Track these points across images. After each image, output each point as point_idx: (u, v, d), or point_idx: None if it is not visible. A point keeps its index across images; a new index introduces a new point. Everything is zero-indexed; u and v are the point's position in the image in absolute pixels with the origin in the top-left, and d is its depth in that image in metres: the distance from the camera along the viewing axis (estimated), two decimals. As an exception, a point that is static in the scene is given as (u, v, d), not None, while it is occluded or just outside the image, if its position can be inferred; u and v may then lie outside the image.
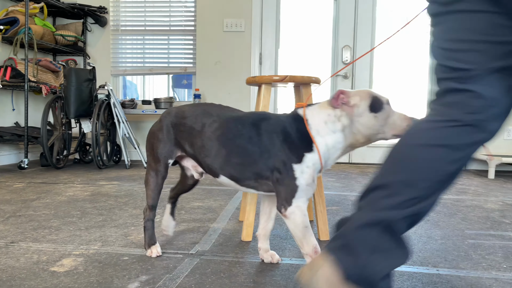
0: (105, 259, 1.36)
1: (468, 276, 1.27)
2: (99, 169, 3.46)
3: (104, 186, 2.67)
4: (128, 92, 4.61)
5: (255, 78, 1.62)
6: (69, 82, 3.43)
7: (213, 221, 1.87)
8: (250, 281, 1.20)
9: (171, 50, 4.33)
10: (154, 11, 4.31)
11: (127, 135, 3.59)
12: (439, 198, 0.92)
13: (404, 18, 4.06)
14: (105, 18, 4.28)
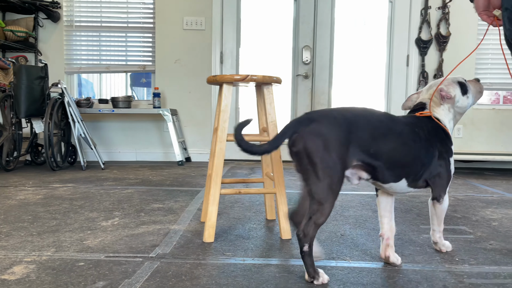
0: (59, 265, 1.30)
1: (423, 270, 1.32)
2: (53, 171, 3.31)
3: (58, 189, 2.56)
4: (83, 90, 4.44)
5: (216, 77, 1.60)
6: (19, 80, 3.26)
7: (174, 222, 1.83)
8: (213, 283, 1.19)
9: (129, 48, 4.21)
10: (111, 7, 4.18)
11: (83, 135, 3.46)
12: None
13: (362, 19, 4.17)
14: (58, 13, 4.10)
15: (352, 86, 4.21)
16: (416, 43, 4.08)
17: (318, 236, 1.65)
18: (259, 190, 1.64)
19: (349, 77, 4.21)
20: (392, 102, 4.17)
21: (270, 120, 1.63)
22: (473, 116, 4.14)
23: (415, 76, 4.11)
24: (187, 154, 4.21)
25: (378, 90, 4.22)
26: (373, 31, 4.18)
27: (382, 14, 4.16)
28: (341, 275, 1.26)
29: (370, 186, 2.84)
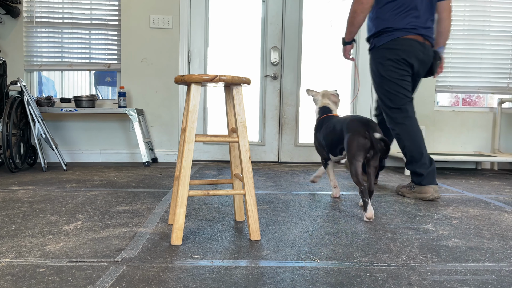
0: (19, 272, 1.24)
1: (389, 268, 1.35)
2: (11, 173, 3.17)
3: (16, 192, 2.44)
4: (44, 88, 4.26)
5: (184, 77, 1.57)
6: (-26, 77, 3.09)
7: (140, 225, 1.79)
8: (181, 286, 1.17)
9: (93, 45, 4.09)
10: (73, 3, 4.04)
11: (43, 135, 3.33)
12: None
13: (328, 20, 4.24)
14: (17, 9, 3.92)
15: (320, 86, 4.27)
16: (381, 46, 4.18)
17: (286, 236, 1.66)
18: (228, 191, 1.63)
19: (317, 77, 4.27)
20: (358, 103, 4.26)
21: (240, 120, 1.62)
22: (434, 117, 4.29)
23: (380, 78, 4.21)
24: (154, 155, 4.13)
25: (345, 90, 4.30)
26: (339, 32, 4.25)
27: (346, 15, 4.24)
28: (309, 275, 1.27)
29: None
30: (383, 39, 2.54)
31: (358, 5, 2.47)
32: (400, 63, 2.51)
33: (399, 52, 2.50)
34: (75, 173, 3.23)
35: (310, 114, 4.28)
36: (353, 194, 2.60)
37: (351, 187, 2.88)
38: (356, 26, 2.54)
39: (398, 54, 2.50)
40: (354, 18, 2.52)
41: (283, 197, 2.47)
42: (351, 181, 3.15)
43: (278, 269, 1.31)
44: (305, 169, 3.80)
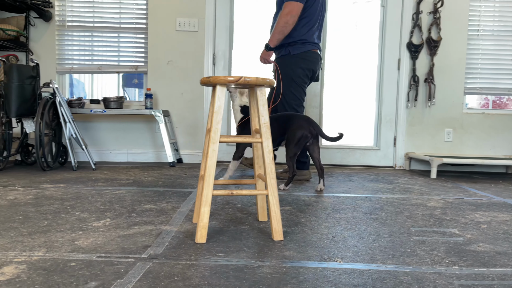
0: (51, 266, 1.29)
1: (414, 272, 1.33)
2: (44, 171, 3.29)
3: (49, 189, 2.54)
4: (75, 90, 4.41)
5: (209, 79, 1.60)
6: (10, 79, 3.23)
7: (166, 223, 1.83)
8: (205, 283, 1.19)
9: (121, 48, 4.20)
10: (103, 7, 4.16)
11: (74, 136, 3.44)
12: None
13: (353, 22, 4.21)
14: (50, 13, 4.07)
15: (343, 88, 4.24)
16: (408, 47, 4.12)
17: (309, 237, 1.67)
18: (251, 191, 1.65)
19: (341, 79, 4.24)
20: (383, 106, 4.21)
21: (263, 121, 1.64)
22: (463, 120, 4.19)
23: (406, 79, 4.16)
24: (179, 155, 4.20)
25: (370, 93, 4.25)
26: (364, 34, 4.22)
27: (374, 17, 4.20)
28: (332, 276, 1.27)
29: (360, 189, 2.86)
30: (298, 49, 3.00)
31: (291, 18, 2.85)
32: (308, 72, 3.04)
33: (309, 63, 3.02)
34: (103, 172, 3.33)
35: (334, 116, 4.26)
36: (376, 197, 2.58)
37: (375, 189, 2.85)
38: (285, 35, 2.93)
39: (308, 65, 3.02)
40: (286, 28, 2.89)
41: (306, 198, 2.47)
42: (375, 183, 3.12)
43: (300, 269, 1.32)
44: (328, 171, 3.79)
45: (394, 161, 4.25)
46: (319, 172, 2.77)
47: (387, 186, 3.01)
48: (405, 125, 4.19)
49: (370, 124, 4.28)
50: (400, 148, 4.21)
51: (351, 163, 4.26)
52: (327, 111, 4.25)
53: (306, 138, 2.69)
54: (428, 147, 4.23)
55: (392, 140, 4.25)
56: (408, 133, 4.21)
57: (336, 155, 4.25)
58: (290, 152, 2.68)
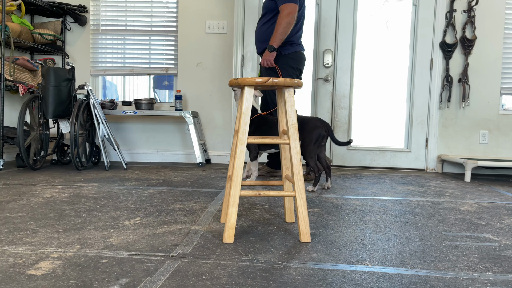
0: (84, 262, 1.34)
1: (445, 277, 1.30)
2: (78, 171, 3.40)
3: (82, 188, 2.63)
4: (108, 92, 4.54)
5: (238, 80, 1.62)
6: (47, 82, 3.36)
7: (194, 223, 1.86)
8: (232, 283, 1.20)
9: (152, 51, 4.29)
10: (135, 11, 4.27)
11: (107, 136, 3.54)
12: None
13: (384, 22, 4.14)
14: (85, 17, 4.21)
15: (373, 89, 4.17)
16: (441, 46, 4.02)
17: (337, 240, 1.65)
18: (279, 193, 1.65)
19: (371, 80, 4.18)
20: (414, 107, 4.11)
21: (291, 122, 1.64)
22: (499, 121, 4.04)
23: (439, 80, 4.05)
24: (207, 156, 4.25)
25: (400, 94, 4.17)
26: (395, 34, 4.14)
27: (406, 17, 4.12)
28: (360, 279, 1.26)
29: (390, 191, 2.81)
30: (288, 50, 3.14)
31: (292, 18, 2.96)
32: (297, 71, 3.19)
33: (298, 63, 3.18)
34: (134, 172, 3.41)
35: (363, 117, 4.20)
36: (407, 200, 2.52)
37: (405, 192, 2.79)
38: (287, 35, 3.03)
39: (297, 64, 3.18)
40: (288, 28, 2.98)
41: (334, 200, 2.45)
42: (406, 186, 3.06)
43: (328, 272, 1.31)
44: (357, 173, 3.73)
45: (425, 163, 4.14)
46: (326, 171, 2.86)
47: (418, 189, 2.94)
48: (437, 126, 4.08)
49: (400, 126, 4.20)
50: (432, 150, 4.10)
51: (380, 165, 4.19)
52: (356, 112, 4.19)
53: (323, 137, 2.76)
54: (461, 150, 4.10)
55: (423, 142, 4.14)
56: (440, 135, 4.10)
57: (365, 157, 4.18)
58: (310, 153, 2.73)
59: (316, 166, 2.74)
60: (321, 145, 2.78)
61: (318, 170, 2.74)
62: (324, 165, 2.86)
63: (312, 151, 2.73)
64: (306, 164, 2.77)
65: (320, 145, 2.78)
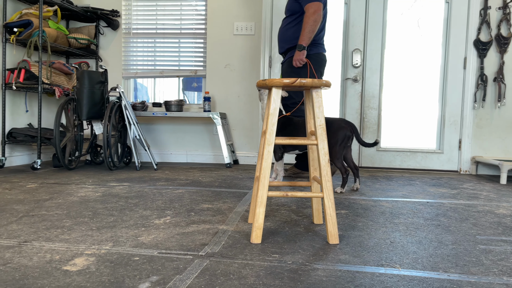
0: (117, 259, 1.38)
1: (479, 282, 1.26)
2: (110, 171, 3.50)
3: (115, 187, 2.70)
4: (138, 94, 4.65)
5: (265, 81, 1.63)
6: (81, 84, 3.48)
7: (222, 223, 1.88)
8: (260, 283, 1.21)
9: (181, 53, 4.37)
10: (165, 14, 4.35)
11: (138, 137, 3.63)
12: None
13: (416, 20, 4.05)
14: (117, 22, 4.34)
15: (404, 89, 4.09)
16: (475, 44, 3.89)
17: (366, 242, 1.63)
18: (306, 193, 1.65)
19: (401, 80, 4.09)
20: (447, 107, 4.00)
21: (319, 123, 1.63)
22: (537, 121, 3.88)
23: (473, 79, 3.92)
24: (235, 156, 4.28)
25: (432, 93, 4.07)
26: (427, 32, 4.04)
27: (438, 15, 4.01)
28: (390, 282, 1.24)
29: (421, 194, 2.75)
30: (312, 50, 3.10)
31: (318, 16, 2.95)
32: (317, 73, 3.13)
33: (319, 65, 3.13)
34: (164, 172, 3.48)
35: (393, 117, 4.12)
36: (439, 202, 2.46)
37: (437, 194, 2.72)
38: (315, 33, 3.01)
39: (319, 67, 3.13)
40: (315, 26, 2.97)
41: (363, 202, 2.42)
42: (438, 188, 2.98)
43: (356, 274, 1.30)
44: (387, 175, 3.67)
45: (459, 165, 4.02)
46: (354, 171, 2.84)
47: (451, 191, 2.86)
48: (471, 127, 3.96)
49: (432, 126, 4.09)
50: (465, 152, 3.98)
51: (411, 166, 4.10)
52: (386, 113, 4.12)
53: (349, 138, 2.75)
54: (497, 151, 3.96)
55: (457, 143, 4.02)
56: (474, 135, 3.97)
57: (395, 158, 4.10)
58: (336, 154, 2.73)
59: (343, 167, 2.72)
60: (346, 146, 2.77)
61: (345, 171, 2.72)
62: (351, 166, 2.83)
63: (338, 152, 2.71)
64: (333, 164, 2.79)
65: (346, 146, 2.77)
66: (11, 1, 3.73)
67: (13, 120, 3.79)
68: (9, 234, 1.64)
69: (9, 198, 2.32)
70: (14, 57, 3.78)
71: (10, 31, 3.57)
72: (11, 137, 3.65)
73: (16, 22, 3.53)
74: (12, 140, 3.62)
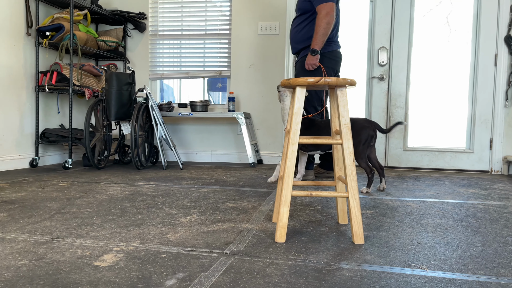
0: (144, 255, 1.41)
1: (509, 284, 1.22)
2: (137, 170, 3.58)
3: (142, 186, 2.76)
4: (165, 95, 4.73)
5: (289, 81, 1.63)
6: (110, 86, 3.57)
7: (246, 221, 1.89)
8: (284, 281, 1.22)
9: (206, 54, 4.41)
10: (191, 16, 4.41)
11: (164, 137, 3.69)
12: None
13: (444, 17, 3.95)
14: (144, 24, 4.42)
15: (431, 87, 4.00)
16: (506, 41, 3.77)
17: (392, 242, 1.61)
18: (331, 193, 1.64)
19: (429, 78, 4.01)
20: (477, 105, 3.89)
21: (344, 122, 1.62)
22: None
23: (504, 76, 3.80)
24: (259, 156, 4.29)
25: (461, 91, 3.96)
26: (456, 29, 3.94)
27: (467, 11, 3.91)
28: (417, 283, 1.22)
29: (450, 194, 2.68)
30: (325, 48, 3.02)
31: (331, 18, 2.88)
32: (332, 71, 3.08)
33: (334, 62, 3.09)
34: (189, 172, 3.53)
35: (421, 116, 4.04)
36: (469, 203, 2.39)
37: (467, 195, 2.65)
38: (328, 35, 2.96)
39: (333, 64, 3.09)
40: (328, 29, 2.91)
41: (389, 202, 2.39)
42: (467, 188, 2.90)
43: (382, 274, 1.28)
44: (414, 175, 3.60)
45: (490, 165, 3.90)
46: (380, 171, 2.79)
47: (481, 192, 2.78)
48: (503, 126, 3.83)
49: (461, 125, 3.99)
50: (497, 151, 3.86)
51: (439, 166, 4.01)
52: (413, 112, 4.04)
53: (372, 137, 2.71)
54: (531, 150, 3.82)
55: (487, 142, 3.90)
56: (507, 134, 3.84)
57: (423, 158, 4.02)
58: (360, 154, 2.69)
59: (368, 167, 2.68)
60: (370, 145, 2.73)
61: (371, 170, 2.69)
62: (376, 166, 2.79)
63: (362, 152, 2.68)
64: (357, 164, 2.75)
65: (370, 145, 2.73)
66: (43, 6, 3.87)
67: (46, 121, 3.93)
68: (43, 230, 1.70)
69: (42, 196, 2.41)
70: (47, 60, 3.92)
71: (43, 35, 3.70)
72: (44, 137, 3.78)
73: (48, 26, 3.66)
74: (45, 140, 3.75)
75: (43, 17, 3.85)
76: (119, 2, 4.47)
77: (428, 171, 3.89)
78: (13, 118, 3.57)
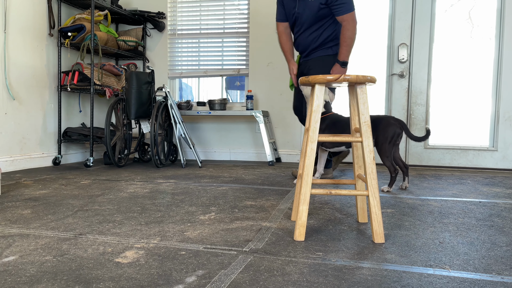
0: (164, 252, 1.43)
1: (537, 286, 1.19)
2: (157, 168, 3.62)
3: (161, 184, 2.79)
4: (183, 94, 4.77)
5: (308, 78, 1.62)
6: (130, 85, 3.62)
7: (265, 220, 1.89)
8: (304, 280, 1.21)
9: (225, 53, 4.43)
10: (209, 15, 4.43)
11: (183, 136, 3.72)
12: None
13: (466, 12, 3.86)
14: (163, 23, 4.47)
15: (453, 84, 3.92)
16: (532, 35, 3.66)
17: (413, 242, 1.58)
18: (351, 192, 1.62)
19: (451, 75, 3.93)
20: (501, 102, 3.79)
21: (363, 120, 1.60)
22: None
23: (531, 72, 3.69)
24: (278, 154, 4.29)
25: (484, 88, 3.86)
26: (478, 24, 3.84)
27: (490, 6, 3.81)
28: (439, 284, 1.20)
29: (473, 193, 2.63)
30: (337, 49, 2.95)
31: (356, 25, 2.84)
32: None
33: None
34: (208, 170, 3.55)
35: (442, 114, 3.96)
36: (493, 202, 2.34)
37: (490, 194, 2.59)
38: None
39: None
40: (355, 38, 2.85)
41: (409, 201, 2.35)
42: (491, 187, 2.83)
43: (403, 274, 1.27)
44: (436, 173, 3.53)
45: (514, 163, 3.80)
46: (404, 170, 2.75)
47: (506, 191, 2.71)
48: (528, 123, 3.72)
49: (484, 123, 3.89)
50: (522, 149, 3.75)
51: (462, 165, 3.92)
52: (434, 109, 3.97)
53: (398, 135, 2.68)
54: (558, 148, 3.70)
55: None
56: (532, 132, 3.74)
57: (444, 156, 3.94)
58: (386, 152, 2.64)
59: (392, 166, 2.64)
60: (395, 143, 2.69)
61: (395, 170, 2.65)
62: (400, 165, 2.75)
63: (387, 150, 2.64)
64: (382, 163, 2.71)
65: (395, 144, 2.69)
66: (65, 7, 3.94)
67: (68, 120, 4.01)
68: (66, 227, 1.74)
69: (65, 193, 2.46)
70: (69, 60, 4.00)
71: (65, 36, 3.78)
72: (66, 136, 3.87)
73: (70, 27, 3.73)
74: (67, 139, 3.83)
75: (65, 18, 3.93)
76: (138, 2, 4.53)
77: (450, 170, 3.82)
78: (37, 117, 3.66)
